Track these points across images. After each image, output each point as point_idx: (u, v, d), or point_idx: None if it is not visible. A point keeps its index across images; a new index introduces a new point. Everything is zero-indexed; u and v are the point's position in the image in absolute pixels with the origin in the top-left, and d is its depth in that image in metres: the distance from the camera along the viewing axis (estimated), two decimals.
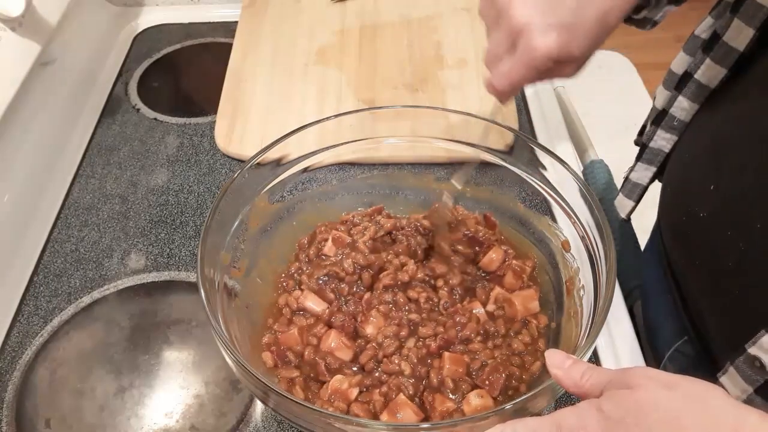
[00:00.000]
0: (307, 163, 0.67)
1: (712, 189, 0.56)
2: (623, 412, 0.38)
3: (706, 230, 0.57)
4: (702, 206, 0.57)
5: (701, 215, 0.57)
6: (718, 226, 0.55)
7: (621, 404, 0.38)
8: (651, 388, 0.38)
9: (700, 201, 0.58)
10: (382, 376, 0.55)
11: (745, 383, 0.52)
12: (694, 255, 0.60)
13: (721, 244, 0.55)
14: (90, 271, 0.75)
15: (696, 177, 0.60)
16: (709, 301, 0.59)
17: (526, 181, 0.65)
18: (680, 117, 0.64)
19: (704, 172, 0.58)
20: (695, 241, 0.60)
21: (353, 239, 0.65)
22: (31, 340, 0.68)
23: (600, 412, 0.39)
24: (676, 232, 0.64)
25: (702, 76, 0.61)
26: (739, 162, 0.54)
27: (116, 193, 0.83)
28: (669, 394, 0.38)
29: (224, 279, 0.58)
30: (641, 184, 0.70)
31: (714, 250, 0.56)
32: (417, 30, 1.02)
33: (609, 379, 0.41)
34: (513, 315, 0.60)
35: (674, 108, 0.65)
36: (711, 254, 0.57)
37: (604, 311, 0.50)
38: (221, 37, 1.08)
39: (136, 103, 0.96)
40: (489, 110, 0.63)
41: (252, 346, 0.59)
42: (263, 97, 0.92)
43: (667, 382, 0.38)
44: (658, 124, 0.67)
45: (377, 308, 0.59)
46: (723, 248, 0.55)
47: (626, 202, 0.72)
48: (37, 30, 0.81)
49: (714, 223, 0.56)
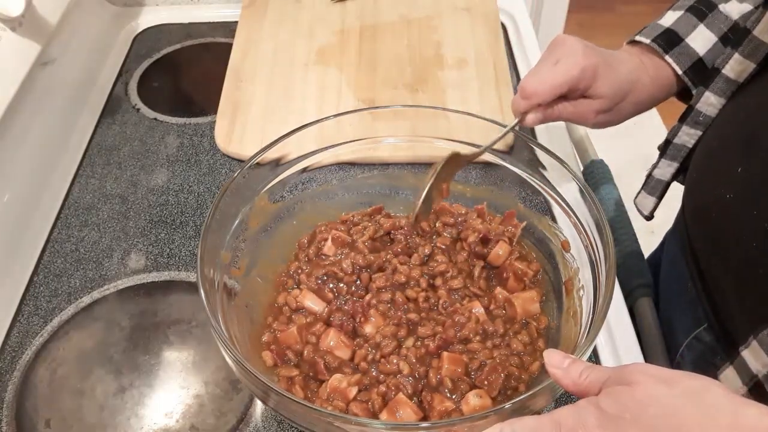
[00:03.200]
0: (307, 162, 0.67)
1: (740, 171, 0.57)
2: (621, 408, 0.38)
3: (732, 212, 0.58)
4: (728, 188, 0.58)
5: (727, 197, 0.58)
6: (744, 207, 0.56)
7: (619, 400, 0.39)
8: (649, 384, 0.38)
9: (727, 183, 0.58)
10: (380, 376, 0.55)
11: (767, 356, 0.52)
12: (718, 237, 0.61)
13: (747, 224, 0.55)
14: (90, 271, 0.75)
15: (723, 161, 0.61)
16: (733, 281, 0.59)
17: (526, 181, 0.65)
18: (706, 112, 0.65)
19: (732, 156, 0.59)
20: (720, 223, 0.60)
21: (353, 239, 0.65)
22: (31, 340, 0.68)
23: (598, 409, 0.39)
24: (700, 216, 0.65)
25: (730, 71, 0.62)
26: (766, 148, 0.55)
27: (116, 193, 0.83)
28: (667, 390, 0.38)
29: (224, 278, 0.58)
30: (664, 180, 0.71)
31: (739, 230, 0.57)
32: (417, 30, 1.02)
33: (607, 377, 0.41)
34: (513, 316, 0.60)
35: (701, 104, 0.66)
36: (736, 234, 0.57)
37: (603, 311, 0.50)
38: (221, 37, 1.08)
39: (136, 103, 0.96)
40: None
41: (252, 346, 0.59)
42: (263, 97, 0.92)
43: (664, 378, 0.39)
44: (683, 121, 0.68)
45: (376, 308, 0.59)
46: (748, 228, 0.55)
47: (648, 200, 0.73)
48: (37, 30, 0.81)
49: (740, 203, 0.57)
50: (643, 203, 0.75)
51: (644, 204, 0.74)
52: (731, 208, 0.58)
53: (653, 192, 0.73)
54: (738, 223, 0.57)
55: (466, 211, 0.68)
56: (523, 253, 0.65)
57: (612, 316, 0.69)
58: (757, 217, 0.54)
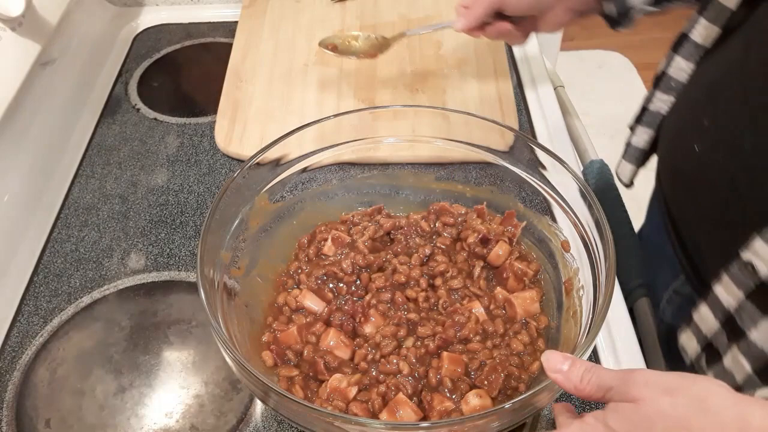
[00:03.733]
0: (307, 162, 0.67)
1: (706, 124, 0.61)
2: (630, 426, 0.39)
3: (701, 161, 0.61)
4: (697, 141, 0.62)
5: (696, 149, 0.62)
6: (711, 156, 0.60)
7: (627, 418, 0.39)
8: (654, 399, 0.39)
9: (695, 137, 0.62)
10: (380, 376, 0.55)
11: (737, 289, 0.54)
12: (689, 186, 0.65)
13: (714, 172, 0.59)
14: (90, 271, 0.75)
15: (691, 117, 0.65)
16: (704, 225, 0.62)
17: (526, 181, 0.65)
18: (678, 77, 0.69)
19: (699, 111, 0.63)
20: (691, 173, 0.64)
21: (353, 239, 0.65)
22: (31, 340, 0.68)
23: (606, 427, 0.40)
24: (674, 170, 0.69)
25: (698, 37, 0.65)
26: (731, 99, 0.59)
27: (116, 193, 0.83)
28: (672, 401, 0.38)
29: (224, 278, 0.58)
30: (641, 147, 0.74)
31: (709, 177, 0.60)
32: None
33: (610, 386, 0.41)
34: (513, 316, 0.60)
35: (672, 69, 0.69)
36: (705, 182, 0.61)
37: (603, 311, 0.50)
38: (221, 37, 1.08)
39: (136, 103, 0.96)
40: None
41: (252, 345, 0.59)
42: (263, 96, 0.92)
43: (667, 387, 0.39)
44: (657, 87, 0.71)
45: (376, 308, 0.59)
46: (717, 175, 0.59)
47: (627, 167, 0.76)
48: (37, 30, 0.81)
49: (708, 153, 0.60)
50: (623, 171, 0.77)
51: (624, 172, 0.77)
52: (700, 158, 0.61)
53: (632, 160, 0.76)
54: (706, 172, 0.61)
55: (465, 211, 0.68)
56: (522, 253, 0.65)
57: (612, 316, 0.69)
58: (722, 164, 0.58)
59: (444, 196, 0.71)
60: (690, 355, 0.62)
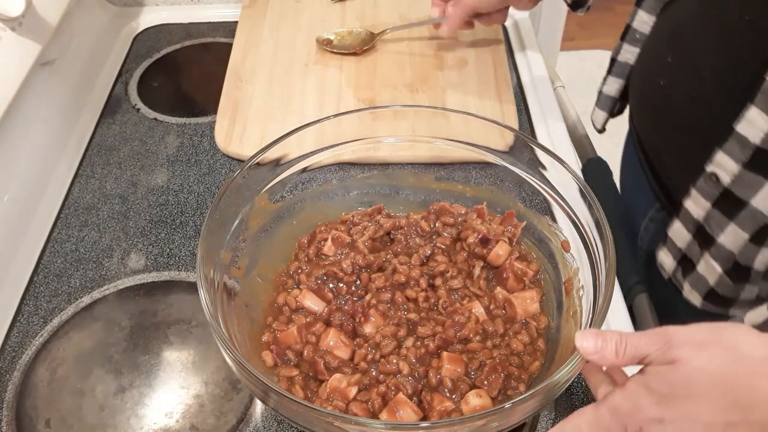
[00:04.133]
0: (307, 162, 0.67)
1: (670, 61, 0.68)
2: (672, 386, 0.42)
3: (665, 93, 0.69)
4: (662, 76, 0.69)
5: (661, 83, 0.69)
6: (674, 87, 0.67)
7: (668, 380, 0.42)
8: (690, 359, 0.41)
9: (661, 73, 0.70)
10: (380, 376, 0.55)
11: (705, 200, 0.61)
12: (658, 118, 0.72)
13: (679, 100, 0.66)
14: (90, 271, 0.75)
15: (655, 57, 0.73)
16: (671, 148, 0.70)
17: (526, 181, 0.65)
18: (641, 29, 0.77)
19: (663, 52, 0.70)
20: (658, 105, 0.71)
21: (353, 239, 0.65)
22: (31, 340, 0.68)
23: (649, 391, 0.42)
24: (642, 105, 0.76)
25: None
26: (690, 38, 0.66)
27: (116, 193, 0.83)
28: (707, 356, 0.41)
29: (224, 278, 0.58)
30: (611, 95, 0.83)
31: (674, 106, 0.68)
32: (417, 30, 1.02)
33: (646, 354, 0.43)
34: (513, 316, 0.60)
35: (635, 22, 0.77)
36: (672, 110, 0.68)
37: (603, 311, 0.50)
38: (221, 37, 1.08)
39: (136, 103, 0.96)
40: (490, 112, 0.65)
41: (252, 345, 0.59)
42: (263, 96, 0.92)
43: (700, 342, 0.42)
44: (623, 39, 0.79)
45: (376, 308, 0.59)
46: (680, 103, 0.66)
47: (600, 114, 0.85)
48: (37, 30, 0.81)
49: (671, 85, 0.68)
50: (595, 118, 0.86)
51: (597, 118, 0.86)
52: (665, 90, 0.69)
53: (603, 107, 0.84)
54: (671, 102, 0.68)
55: (465, 211, 0.68)
56: (522, 253, 0.65)
57: (611, 316, 0.69)
58: (684, 93, 0.65)
59: (444, 196, 0.71)
60: (668, 271, 0.69)
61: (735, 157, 0.57)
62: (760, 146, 0.55)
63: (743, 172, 0.57)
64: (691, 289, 0.68)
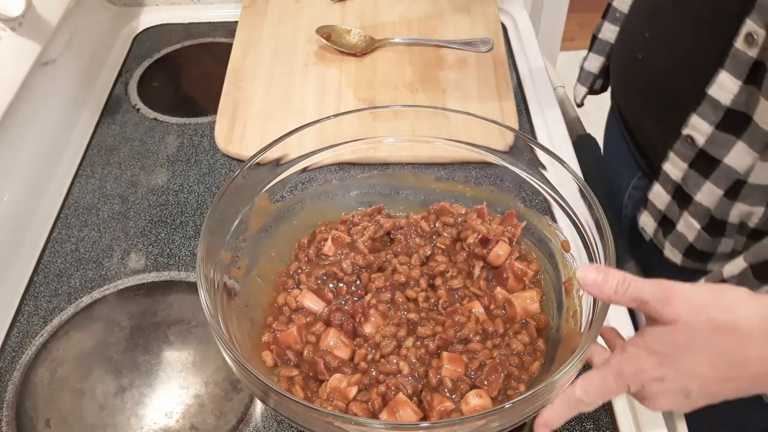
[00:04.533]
0: (307, 162, 0.67)
1: (648, 36, 0.72)
2: (672, 347, 0.44)
3: (643, 64, 0.73)
4: (641, 50, 0.73)
5: (639, 56, 0.73)
6: (650, 58, 0.71)
7: (668, 340, 0.44)
8: (690, 320, 0.43)
9: (639, 47, 0.73)
10: (380, 376, 0.55)
11: (682, 162, 0.65)
12: (635, 87, 0.76)
13: (657, 71, 0.70)
14: (90, 271, 0.75)
15: (634, 33, 0.76)
16: (652, 119, 0.73)
17: (526, 181, 0.65)
18: (621, 9, 0.80)
19: (642, 27, 0.74)
20: (637, 77, 0.75)
21: (353, 239, 0.65)
22: (31, 340, 0.68)
23: (649, 351, 0.45)
24: (622, 79, 0.80)
25: None
26: (667, 13, 0.69)
27: (116, 193, 0.84)
28: (706, 319, 0.43)
29: (224, 278, 0.58)
30: (592, 72, 0.87)
31: (652, 77, 0.71)
32: (417, 30, 1.02)
33: (646, 300, 0.44)
34: (513, 316, 0.60)
35: (616, 1, 0.81)
36: (649, 82, 0.72)
37: (603, 311, 0.50)
38: (221, 37, 1.08)
39: (136, 103, 0.96)
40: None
41: (252, 345, 0.59)
42: (263, 97, 0.92)
43: (701, 305, 0.43)
44: (604, 18, 0.83)
45: (376, 308, 0.59)
46: (657, 75, 0.70)
47: (580, 89, 0.89)
48: (37, 30, 0.81)
49: (648, 58, 0.72)
50: (577, 92, 0.90)
51: (578, 93, 0.90)
52: (644, 63, 0.73)
53: (584, 83, 0.88)
54: (649, 73, 0.72)
55: (465, 211, 0.68)
56: (522, 253, 0.65)
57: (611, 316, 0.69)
58: (661, 64, 0.69)
59: (444, 196, 0.71)
60: (649, 233, 0.73)
61: (708, 119, 0.61)
62: (730, 107, 0.59)
63: (716, 133, 0.61)
64: (672, 247, 0.70)
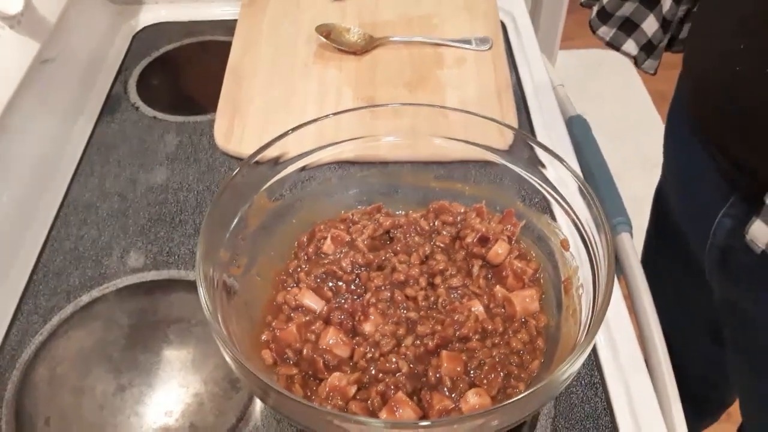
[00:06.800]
0: (307, 161, 0.67)
1: (743, 48, 0.65)
2: None
3: (738, 84, 0.66)
4: (737, 63, 0.65)
5: (737, 69, 0.65)
6: (747, 79, 0.64)
7: None
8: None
9: (734, 59, 0.65)
10: (380, 374, 0.55)
11: None
12: (733, 108, 0.68)
13: (756, 92, 0.63)
14: (89, 269, 0.75)
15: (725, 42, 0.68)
16: (747, 144, 0.67)
17: (525, 180, 0.65)
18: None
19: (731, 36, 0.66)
20: (732, 93, 0.67)
21: (352, 238, 0.65)
22: (30, 339, 0.68)
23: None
24: (706, 98, 0.73)
25: None
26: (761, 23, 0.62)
27: (115, 191, 0.83)
28: None
29: (223, 277, 0.58)
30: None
31: (750, 98, 0.64)
32: (417, 29, 1.02)
33: None
34: (512, 314, 0.60)
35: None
36: (747, 103, 0.65)
37: (603, 309, 0.50)
38: (221, 35, 1.08)
39: (135, 101, 0.96)
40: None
41: (251, 344, 0.59)
42: (262, 95, 0.92)
43: None
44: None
45: (375, 306, 0.59)
46: (758, 94, 0.63)
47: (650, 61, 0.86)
48: (36, 28, 0.80)
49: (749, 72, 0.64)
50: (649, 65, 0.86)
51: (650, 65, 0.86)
52: (738, 79, 0.65)
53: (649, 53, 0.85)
54: (748, 92, 0.64)
55: (465, 210, 0.68)
56: (522, 252, 0.65)
57: (611, 315, 0.69)
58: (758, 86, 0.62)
59: (443, 194, 0.71)
60: (760, 244, 0.66)
61: None
62: None
63: None
64: None
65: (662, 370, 0.68)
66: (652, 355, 0.70)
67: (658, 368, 0.68)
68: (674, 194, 0.93)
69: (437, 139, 0.68)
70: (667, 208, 0.96)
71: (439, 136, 0.68)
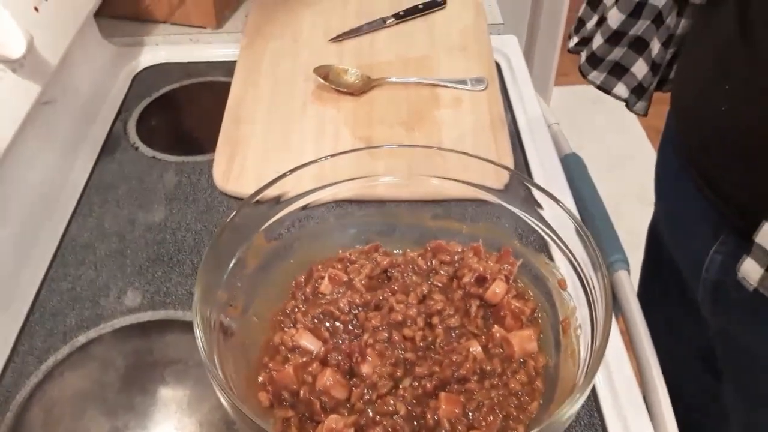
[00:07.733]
0: (305, 201, 0.67)
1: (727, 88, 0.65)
2: None
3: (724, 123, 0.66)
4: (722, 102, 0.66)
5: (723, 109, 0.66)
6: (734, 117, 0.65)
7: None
8: None
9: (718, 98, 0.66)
10: (377, 417, 0.54)
11: None
12: (720, 144, 0.69)
13: (742, 129, 0.64)
14: (86, 309, 0.74)
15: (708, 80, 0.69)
16: (737, 183, 0.68)
17: (521, 219, 0.65)
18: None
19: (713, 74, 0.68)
20: (719, 131, 0.68)
21: (350, 277, 0.65)
22: (25, 380, 0.68)
23: None
24: (695, 139, 0.74)
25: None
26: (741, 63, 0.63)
27: (114, 230, 0.84)
28: None
29: (220, 318, 0.58)
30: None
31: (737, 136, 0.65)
32: (413, 70, 1.03)
33: None
34: (511, 354, 0.59)
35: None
36: (737, 142, 0.66)
37: (601, 351, 0.49)
38: (220, 76, 1.09)
39: (134, 142, 0.97)
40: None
41: (247, 385, 0.58)
42: (261, 135, 0.93)
43: None
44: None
45: (373, 347, 0.59)
46: (744, 131, 0.63)
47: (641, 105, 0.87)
48: (37, 71, 0.82)
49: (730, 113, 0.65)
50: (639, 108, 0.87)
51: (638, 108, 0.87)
52: (722, 119, 0.67)
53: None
54: (733, 130, 0.65)
55: (462, 249, 0.68)
56: (519, 291, 0.65)
57: (610, 355, 0.69)
58: (760, 119, 0.62)
59: (440, 233, 0.71)
60: (752, 282, 0.66)
61: None
62: None
63: None
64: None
65: (662, 410, 0.67)
66: (652, 396, 0.69)
67: (658, 408, 0.68)
68: (667, 230, 0.94)
69: (434, 179, 0.68)
70: (660, 243, 0.97)
71: (436, 176, 0.68)
